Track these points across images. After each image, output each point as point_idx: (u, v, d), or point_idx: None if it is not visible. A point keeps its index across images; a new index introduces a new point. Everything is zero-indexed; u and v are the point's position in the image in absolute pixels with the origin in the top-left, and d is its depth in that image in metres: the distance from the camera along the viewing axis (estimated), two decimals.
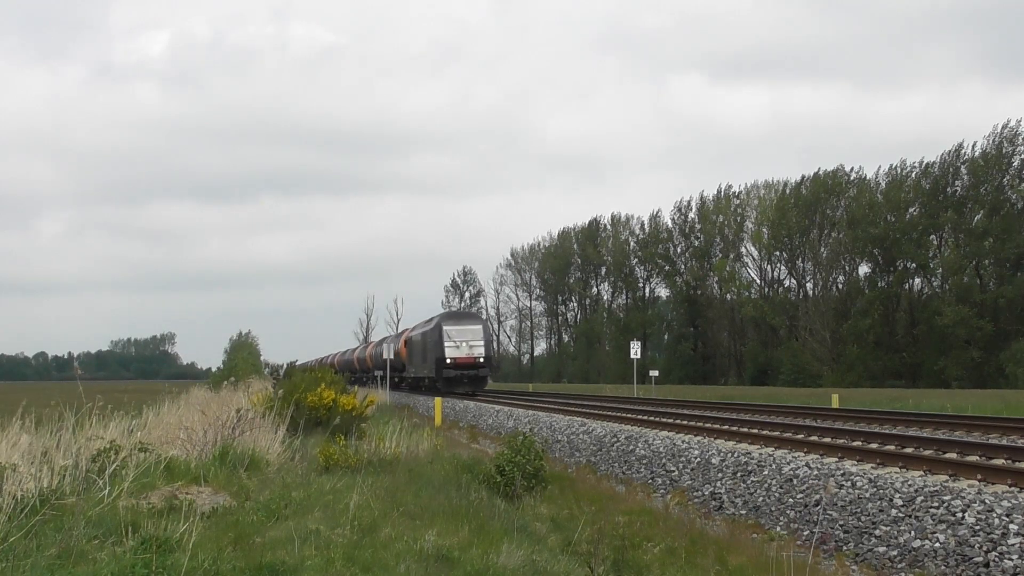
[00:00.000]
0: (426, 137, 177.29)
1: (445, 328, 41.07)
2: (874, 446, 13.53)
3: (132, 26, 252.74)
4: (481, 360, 40.97)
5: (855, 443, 14.20)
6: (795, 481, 11.74)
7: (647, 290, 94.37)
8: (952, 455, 12.22)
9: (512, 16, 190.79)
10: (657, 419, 20.33)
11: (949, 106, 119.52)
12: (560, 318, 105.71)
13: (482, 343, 41.24)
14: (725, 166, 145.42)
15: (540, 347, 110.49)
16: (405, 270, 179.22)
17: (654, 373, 48.05)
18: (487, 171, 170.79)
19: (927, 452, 12.62)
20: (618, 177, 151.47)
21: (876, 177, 70.82)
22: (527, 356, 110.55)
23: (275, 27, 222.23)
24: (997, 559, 8.16)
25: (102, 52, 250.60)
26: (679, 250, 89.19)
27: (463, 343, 40.45)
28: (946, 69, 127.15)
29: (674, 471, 14.58)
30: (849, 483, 10.86)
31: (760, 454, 13.53)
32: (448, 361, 40.43)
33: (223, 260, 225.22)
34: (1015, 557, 8.05)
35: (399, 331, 77.47)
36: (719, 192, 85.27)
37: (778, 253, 78.60)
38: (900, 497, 9.90)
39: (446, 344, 40.55)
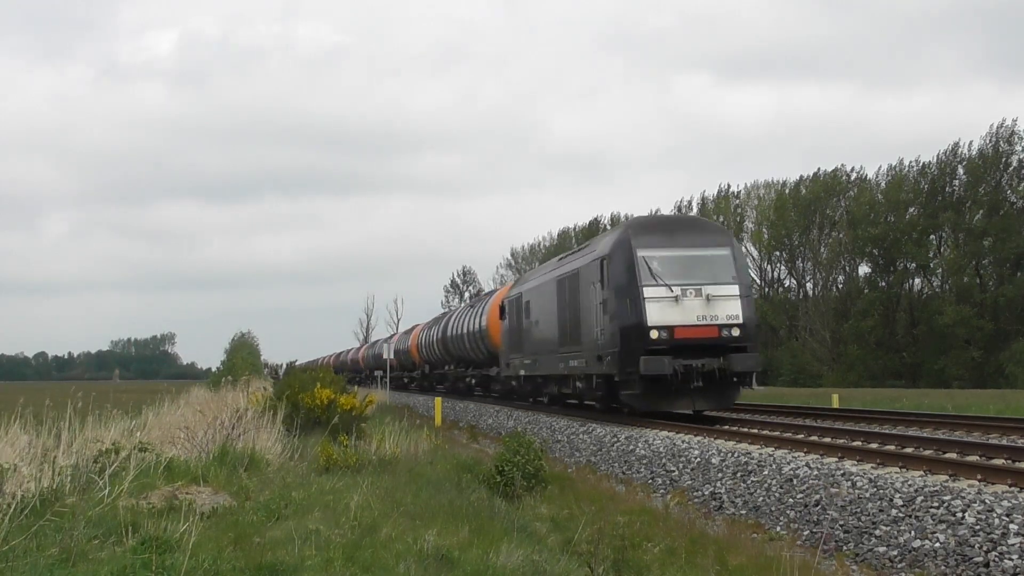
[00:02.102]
0: (430, 137, 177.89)
1: (642, 254, 18.17)
2: (874, 446, 13.53)
3: (140, 25, 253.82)
4: (735, 332, 17.92)
5: (855, 443, 14.20)
6: (795, 481, 11.74)
7: None
8: (952, 455, 12.21)
9: (517, 16, 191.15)
10: (657, 419, 20.29)
11: (956, 106, 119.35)
12: None
13: (735, 290, 18.19)
14: (729, 166, 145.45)
15: None
16: (407, 270, 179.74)
17: None
18: (490, 171, 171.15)
19: (927, 452, 12.62)
20: (622, 177, 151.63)
21: (876, 177, 70.89)
22: None
23: (282, 26, 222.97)
24: (997, 559, 8.16)
25: (109, 51, 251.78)
26: None
27: (689, 290, 17.88)
28: (953, 69, 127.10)
29: (674, 471, 14.58)
30: (849, 483, 10.86)
31: (760, 454, 13.53)
32: (653, 335, 17.64)
33: (224, 260, 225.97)
34: (1015, 557, 8.05)
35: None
36: (719, 192, 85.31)
37: (778, 253, 78.56)
38: (900, 497, 9.90)
39: (647, 292, 17.81)
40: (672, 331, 17.69)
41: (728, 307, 17.95)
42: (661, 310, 17.76)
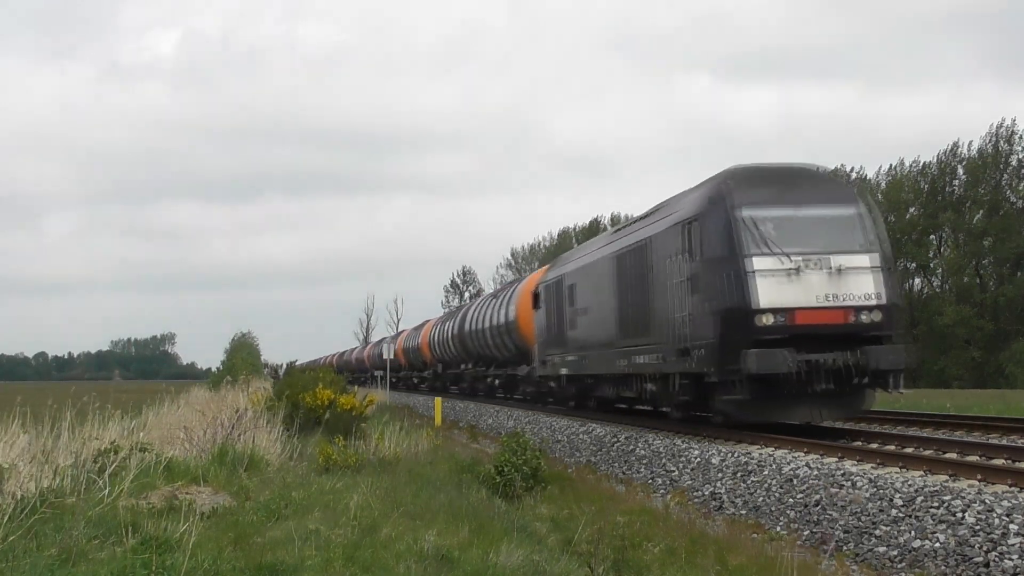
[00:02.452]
0: (432, 137, 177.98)
1: (746, 213, 14.13)
2: (874, 446, 13.52)
3: (142, 25, 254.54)
4: (874, 316, 13.82)
5: (855, 443, 14.19)
6: (795, 481, 11.74)
7: None
8: (952, 455, 12.21)
9: (521, 16, 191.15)
10: (657, 419, 20.28)
11: (961, 107, 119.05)
12: None
13: (872, 260, 14.12)
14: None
15: None
16: (407, 270, 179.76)
17: None
18: (494, 171, 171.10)
19: (927, 452, 12.62)
20: (624, 177, 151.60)
21: (876, 177, 70.88)
22: None
23: (285, 26, 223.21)
24: (997, 559, 8.16)
25: (111, 51, 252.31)
26: None
27: (810, 261, 13.85)
28: (959, 69, 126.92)
29: (674, 471, 14.58)
30: (849, 483, 10.86)
31: (760, 454, 13.52)
32: (764, 321, 13.62)
33: (225, 260, 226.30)
34: (1015, 557, 8.05)
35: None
36: None
37: None
38: (900, 497, 9.90)
39: (755, 263, 13.77)
40: (790, 315, 13.59)
41: (862, 283, 13.81)
42: (774, 287, 13.65)
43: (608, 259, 19.26)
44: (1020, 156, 60.72)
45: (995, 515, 8.69)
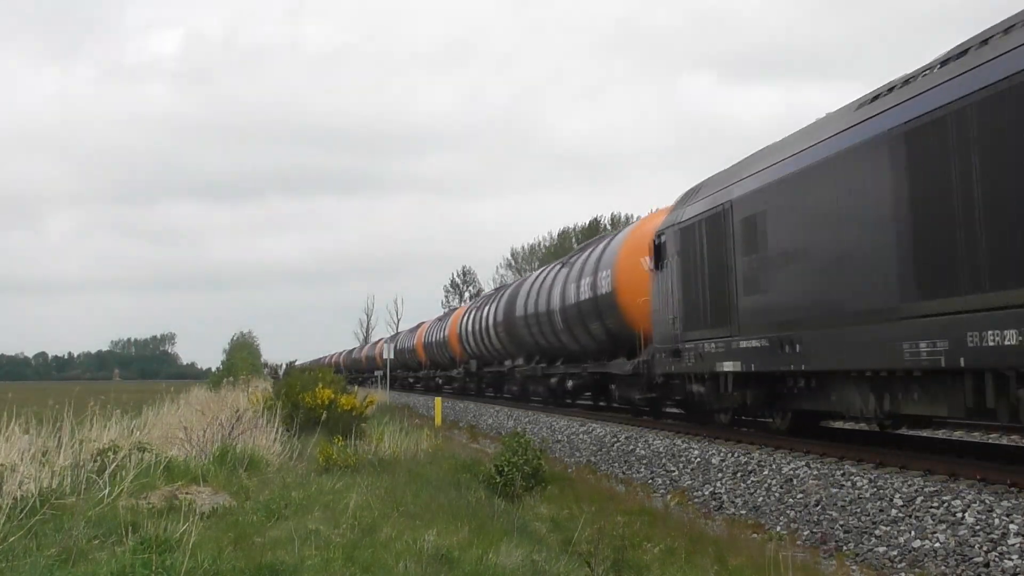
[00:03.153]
0: (434, 137, 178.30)
1: None
2: (874, 446, 13.51)
3: (145, 25, 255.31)
4: None
5: (855, 443, 14.19)
6: (795, 481, 11.74)
7: None
8: (952, 455, 12.21)
9: (524, 15, 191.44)
10: (657, 419, 20.31)
11: None
12: None
13: None
14: None
15: None
16: (410, 270, 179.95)
17: None
18: (495, 171, 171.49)
19: (927, 452, 12.61)
20: (624, 177, 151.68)
21: None
22: None
23: (287, 26, 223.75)
24: (997, 559, 8.16)
25: (114, 51, 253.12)
26: None
27: None
28: None
29: (674, 471, 14.58)
30: (849, 483, 10.86)
31: (760, 454, 13.53)
32: None
33: (226, 260, 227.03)
34: (1015, 557, 8.05)
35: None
36: None
37: None
38: (900, 497, 9.90)
39: None
40: None
41: None
42: None
43: (871, 147, 10.23)
44: None
45: (995, 515, 8.70)
